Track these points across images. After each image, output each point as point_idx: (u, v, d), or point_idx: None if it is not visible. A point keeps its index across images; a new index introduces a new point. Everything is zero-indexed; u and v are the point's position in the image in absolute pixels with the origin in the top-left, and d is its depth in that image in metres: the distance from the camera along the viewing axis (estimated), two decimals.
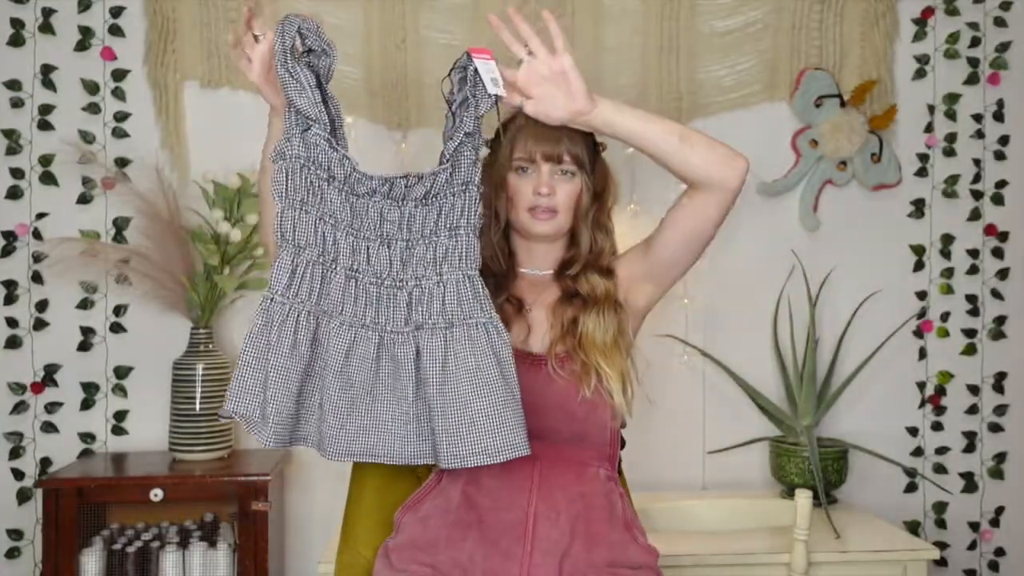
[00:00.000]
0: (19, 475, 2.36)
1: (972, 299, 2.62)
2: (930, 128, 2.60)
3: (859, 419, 2.56)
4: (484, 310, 1.33)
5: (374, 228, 1.35)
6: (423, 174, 1.34)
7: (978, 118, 2.61)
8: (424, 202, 1.36)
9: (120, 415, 2.40)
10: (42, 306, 2.38)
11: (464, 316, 1.32)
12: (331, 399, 1.31)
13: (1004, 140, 2.61)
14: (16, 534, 2.36)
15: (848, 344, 2.52)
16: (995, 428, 2.62)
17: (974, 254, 2.62)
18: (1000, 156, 2.62)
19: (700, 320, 2.52)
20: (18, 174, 2.37)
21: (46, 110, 2.37)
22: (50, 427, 2.38)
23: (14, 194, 2.37)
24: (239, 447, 2.40)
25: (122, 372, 2.40)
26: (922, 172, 2.60)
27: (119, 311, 2.40)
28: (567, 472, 1.43)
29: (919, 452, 2.61)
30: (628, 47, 2.49)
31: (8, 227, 2.37)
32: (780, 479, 2.42)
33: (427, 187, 1.35)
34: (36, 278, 2.38)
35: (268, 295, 1.30)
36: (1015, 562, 2.63)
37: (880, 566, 2.06)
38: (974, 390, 2.62)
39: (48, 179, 2.37)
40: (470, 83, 1.35)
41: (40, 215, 2.38)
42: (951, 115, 2.60)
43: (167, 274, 2.27)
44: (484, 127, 1.38)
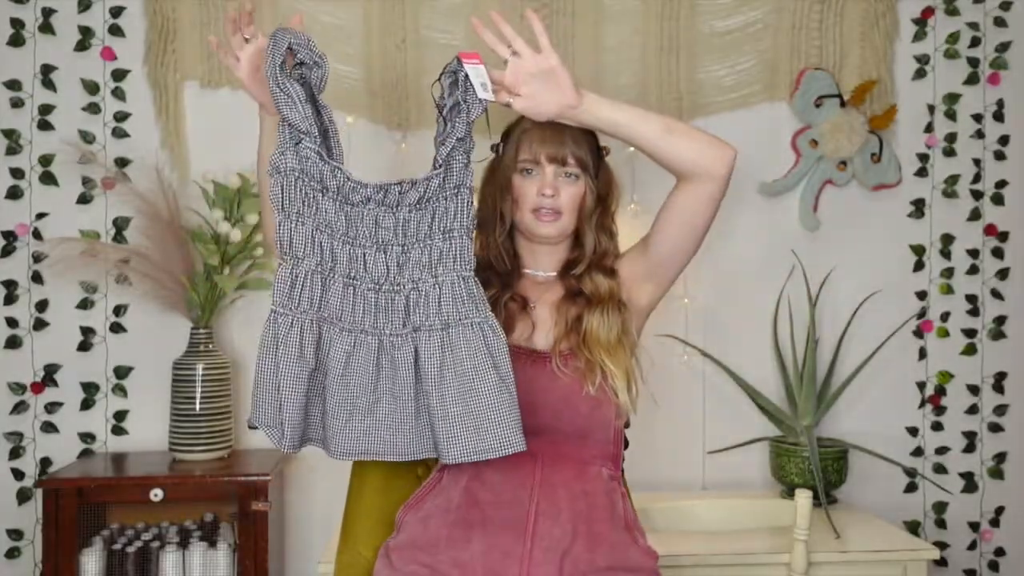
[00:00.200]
0: (19, 475, 2.37)
1: (972, 299, 2.62)
2: (930, 128, 2.60)
3: (859, 419, 2.56)
4: (479, 310, 1.36)
5: (370, 235, 1.38)
6: (416, 180, 1.37)
7: (978, 118, 2.61)
8: (418, 207, 1.38)
9: (120, 415, 2.41)
10: (42, 306, 2.38)
11: (460, 316, 1.35)
12: (334, 402, 1.35)
13: (1004, 140, 2.61)
14: (16, 534, 2.36)
15: (848, 344, 2.52)
16: (995, 428, 2.62)
17: (974, 254, 2.62)
18: (1000, 156, 2.62)
19: (700, 320, 2.52)
20: (18, 174, 2.37)
21: (46, 110, 2.37)
22: (50, 427, 2.38)
23: (14, 194, 2.37)
24: (239, 447, 2.40)
25: (122, 372, 2.40)
26: (922, 172, 2.60)
27: (119, 311, 2.41)
28: (569, 470, 1.43)
29: (919, 452, 2.61)
30: (628, 47, 2.49)
31: (8, 227, 2.37)
32: (780, 479, 2.43)
33: (420, 192, 1.37)
34: (36, 278, 2.38)
35: (273, 309, 1.33)
36: (1015, 562, 2.63)
37: (880, 566, 2.06)
38: (974, 390, 2.62)
39: (48, 179, 2.37)
40: (461, 88, 1.37)
41: (40, 215, 2.38)
42: (951, 115, 2.60)
43: (167, 274, 2.27)
44: (474, 129, 1.40)
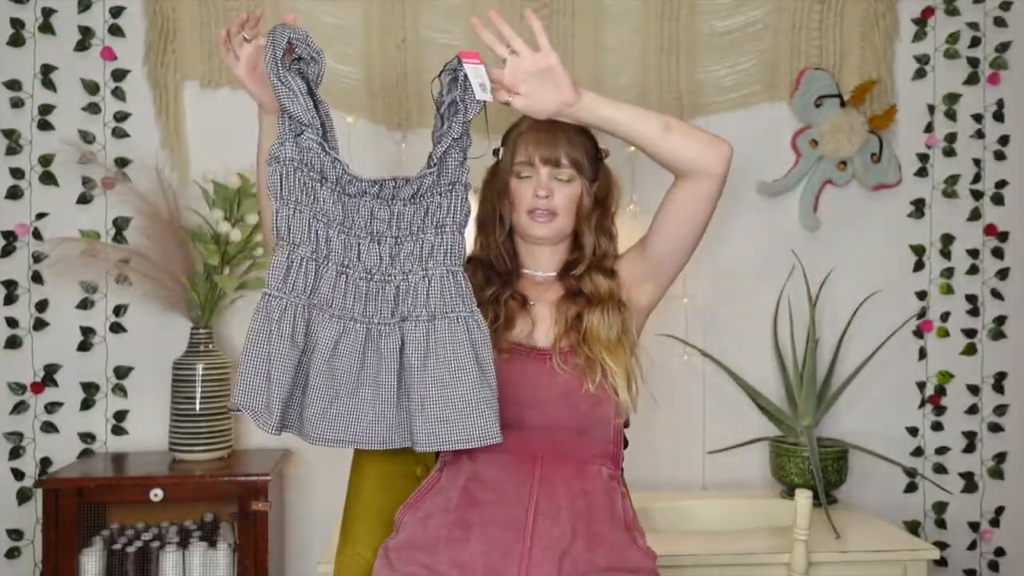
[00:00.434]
0: (19, 475, 2.36)
1: (972, 299, 2.62)
2: (930, 128, 2.60)
3: (859, 419, 2.56)
4: (466, 304, 1.39)
5: (365, 226, 1.42)
6: (410, 177, 1.40)
7: (978, 118, 2.61)
8: (412, 201, 1.42)
9: (120, 415, 2.40)
10: (42, 306, 2.38)
11: (447, 309, 1.38)
12: (317, 387, 1.37)
13: (1004, 140, 2.61)
14: (16, 534, 2.36)
15: (848, 344, 2.52)
16: (995, 428, 2.62)
17: (974, 254, 2.62)
18: (1000, 156, 2.62)
19: (700, 320, 2.52)
20: (18, 174, 2.37)
21: (46, 110, 2.37)
22: (50, 427, 2.38)
23: (14, 194, 2.37)
24: (239, 447, 2.40)
25: (122, 372, 2.40)
26: (922, 172, 2.60)
27: (119, 311, 2.40)
28: (569, 468, 1.44)
29: (919, 452, 2.61)
30: (628, 47, 2.49)
31: (8, 227, 2.37)
32: (780, 479, 2.42)
33: (415, 188, 1.41)
34: (36, 278, 2.38)
35: (266, 291, 1.36)
36: (1015, 562, 2.63)
37: (880, 566, 2.06)
38: (974, 390, 2.62)
39: (48, 179, 2.37)
40: (460, 87, 1.39)
41: (40, 215, 2.38)
42: (951, 115, 2.60)
43: (167, 274, 2.27)
44: (473, 128, 1.42)
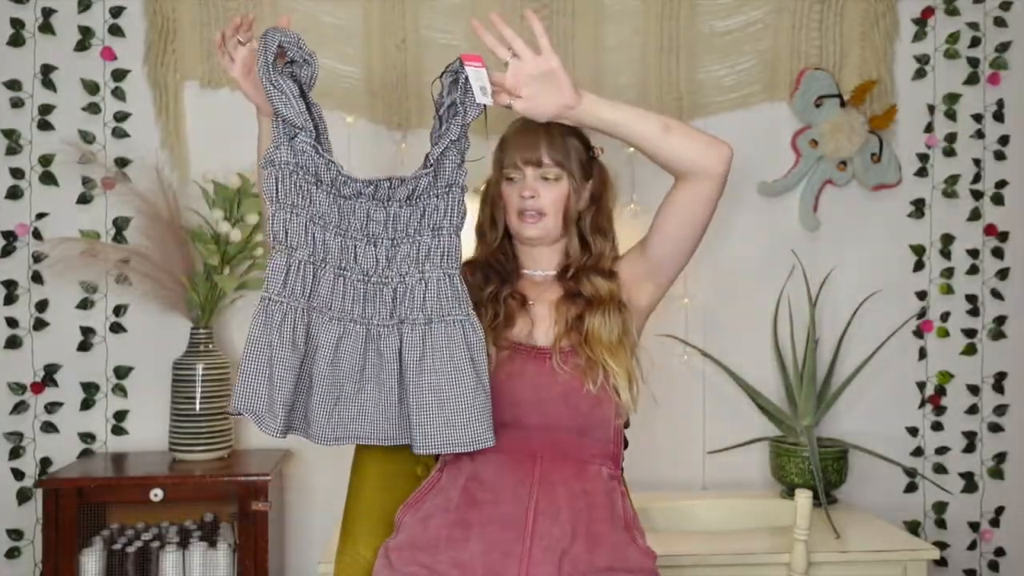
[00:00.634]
0: (19, 475, 2.36)
1: (972, 299, 2.62)
2: (930, 128, 2.60)
3: (859, 419, 2.56)
4: (462, 308, 1.39)
5: (361, 228, 1.42)
6: (406, 177, 1.40)
7: (978, 118, 2.61)
8: (408, 203, 1.42)
9: (120, 415, 2.41)
10: (42, 306, 2.38)
11: (443, 313, 1.39)
12: (322, 389, 1.38)
13: (1004, 140, 2.61)
14: (16, 534, 2.36)
15: (848, 344, 2.52)
16: (995, 428, 2.62)
17: (974, 254, 2.62)
18: (1000, 156, 2.62)
19: (700, 320, 2.52)
20: (18, 174, 2.37)
21: (46, 110, 2.37)
22: (50, 427, 2.38)
23: (14, 194, 2.37)
24: (239, 447, 2.40)
25: (122, 372, 2.40)
26: (922, 172, 2.60)
27: (119, 311, 2.40)
28: (569, 468, 1.44)
29: (919, 452, 2.61)
30: (628, 47, 2.49)
31: (8, 227, 2.37)
32: (780, 479, 2.42)
33: (410, 189, 1.41)
34: (36, 278, 2.38)
35: (265, 295, 1.36)
36: (1015, 562, 2.63)
37: (880, 566, 2.06)
38: (974, 390, 2.62)
39: (48, 179, 2.37)
40: (460, 89, 1.39)
41: (40, 215, 2.38)
42: (951, 115, 2.60)
43: (167, 274, 2.27)
44: (472, 130, 1.42)
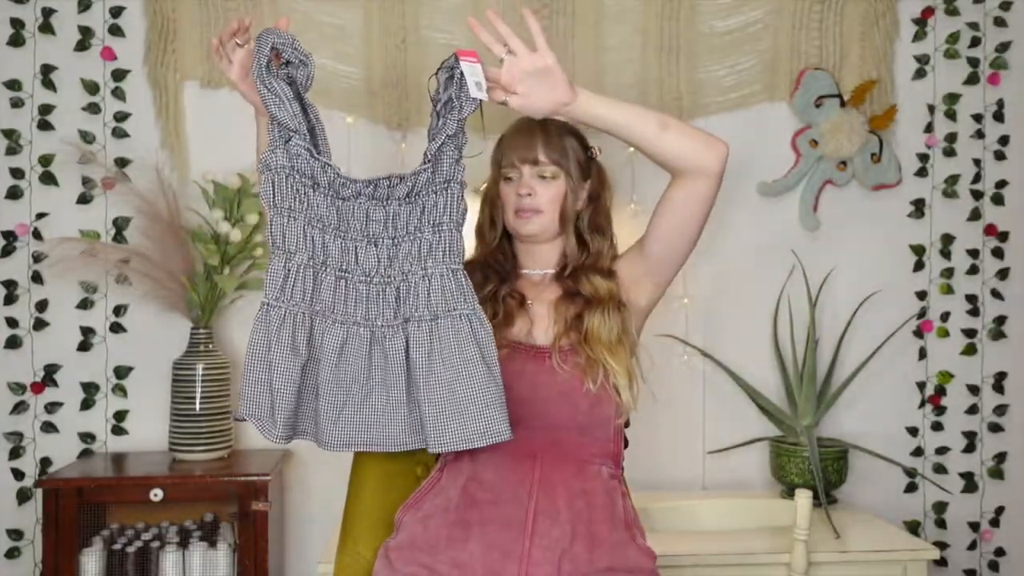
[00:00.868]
0: (19, 475, 2.36)
1: (972, 299, 2.62)
2: (930, 128, 2.60)
3: (859, 419, 2.56)
4: (468, 302, 1.39)
5: (360, 228, 1.41)
6: (404, 175, 1.40)
7: (978, 118, 2.61)
8: (407, 200, 1.42)
9: (120, 415, 2.41)
10: (42, 306, 2.38)
11: (449, 308, 1.38)
12: (327, 393, 1.37)
13: (1004, 140, 2.61)
14: (16, 534, 2.36)
15: (848, 344, 2.52)
16: (995, 428, 2.62)
17: (974, 254, 2.62)
18: (1000, 156, 2.62)
19: (700, 320, 2.52)
20: (18, 174, 2.37)
21: (46, 110, 2.37)
22: (50, 427, 2.38)
23: (14, 194, 2.37)
24: (239, 447, 2.40)
25: (122, 372, 2.40)
26: (922, 172, 2.60)
27: (119, 311, 2.40)
28: (569, 468, 1.44)
29: (919, 452, 2.61)
30: (628, 47, 2.49)
31: (8, 227, 2.37)
32: (780, 479, 2.42)
33: (409, 186, 1.40)
34: (36, 278, 2.38)
35: (264, 301, 1.35)
36: (1015, 562, 2.63)
37: (880, 566, 2.06)
38: (974, 390, 2.62)
39: (48, 179, 2.37)
40: (456, 84, 1.39)
41: (40, 215, 2.38)
42: (951, 115, 2.60)
43: (167, 274, 2.27)
44: (468, 126, 1.42)
